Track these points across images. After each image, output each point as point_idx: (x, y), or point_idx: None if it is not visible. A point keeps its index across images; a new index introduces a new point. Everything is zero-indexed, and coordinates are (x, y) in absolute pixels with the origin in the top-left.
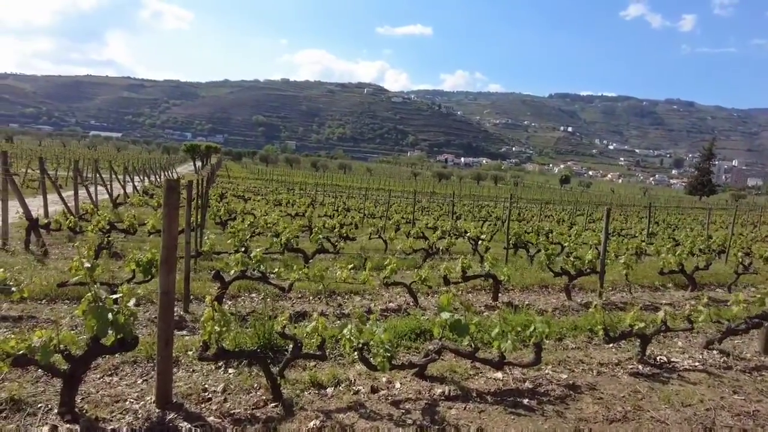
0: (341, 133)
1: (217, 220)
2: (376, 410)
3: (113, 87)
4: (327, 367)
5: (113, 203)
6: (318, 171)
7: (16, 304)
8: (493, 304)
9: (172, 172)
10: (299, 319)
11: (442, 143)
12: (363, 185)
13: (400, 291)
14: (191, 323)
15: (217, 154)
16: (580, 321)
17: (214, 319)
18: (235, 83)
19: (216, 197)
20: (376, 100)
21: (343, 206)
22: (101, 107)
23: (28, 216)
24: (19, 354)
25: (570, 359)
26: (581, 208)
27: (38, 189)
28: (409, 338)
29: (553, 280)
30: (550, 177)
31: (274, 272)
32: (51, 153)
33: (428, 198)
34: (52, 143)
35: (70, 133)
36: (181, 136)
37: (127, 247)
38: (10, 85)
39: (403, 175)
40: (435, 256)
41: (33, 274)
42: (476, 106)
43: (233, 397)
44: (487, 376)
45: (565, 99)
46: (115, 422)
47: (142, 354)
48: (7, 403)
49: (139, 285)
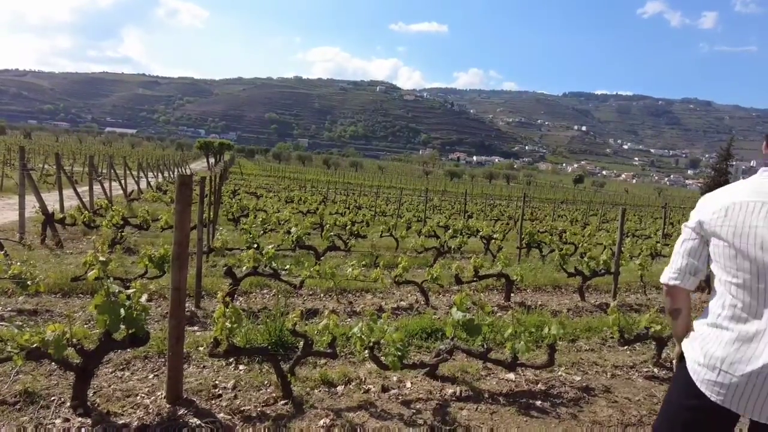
0: (353, 131)
1: (229, 217)
2: (386, 409)
3: (129, 84)
4: (337, 365)
5: (127, 199)
6: (330, 168)
7: (32, 297)
8: (506, 304)
9: (186, 168)
10: (310, 316)
11: (454, 141)
12: (374, 183)
13: (411, 290)
14: (203, 319)
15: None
16: (594, 322)
17: (225, 315)
18: (249, 81)
19: (228, 194)
20: (389, 98)
21: (355, 204)
22: (117, 104)
23: (44, 211)
24: (33, 347)
25: (584, 361)
26: (595, 208)
27: (54, 184)
28: (420, 337)
29: (566, 281)
30: (563, 176)
31: (286, 269)
32: (67, 149)
33: (440, 196)
34: (68, 139)
35: (87, 130)
36: (194, 133)
37: (141, 242)
38: (29, 82)
39: (415, 174)
40: (446, 255)
41: (48, 268)
42: (489, 104)
43: (243, 394)
44: (499, 377)
45: (580, 98)
46: (126, 416)
47: (154, 349)
48: (21, 395)
49: (152, 280)
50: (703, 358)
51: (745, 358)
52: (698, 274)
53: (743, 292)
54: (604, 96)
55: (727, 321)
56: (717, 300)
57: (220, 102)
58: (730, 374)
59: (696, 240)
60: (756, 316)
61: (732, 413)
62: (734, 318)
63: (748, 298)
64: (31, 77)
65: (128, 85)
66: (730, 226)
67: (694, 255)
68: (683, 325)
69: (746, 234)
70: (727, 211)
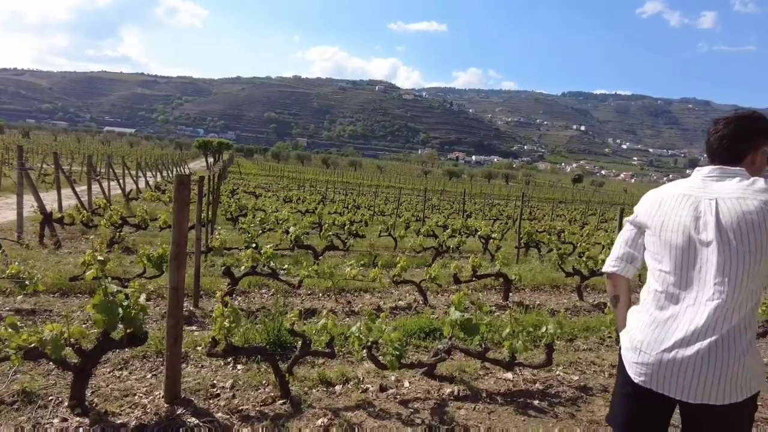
0: (352, 131)
1: (228, 216)
2: (384, 409)
3: (127, 83)
4: (336, 364)
5: (126, 198)
6: (329, 168)
7: (30, 297)
8: (504, 303)
9: (184, 167)
10: (309, 315)
11: (453, 141)
12: (373, 183)
13: (410, 289)
14: (201, 319)
15: (228, 150)
16: (592, 322)
17: (224, 314)
18: (248, 80)
19: (227, 193)
20: (388, 97)
21: (354, 203)
22: (115, 103)
23: (43, 210)
24: (31, 347)
25: (581, 361)
26: (593, 208)
27: (53, 184)
28: (418, 337)
29: (564, 280)
30: (562, 176)
31: (284, 269)
32: (66, 148)
33: (439, 196)
34: (67, 139)
35: (85, 129)
36: (193, 132)
37: (139, 241)
38: (27, 81)
39: (414, 173)
40: (445, 255)
41: (46, 268)
42: (488, 103)
43: (241, 394)
44: (497, 376)
45: (578, 97)
46: (124, 416)
47: (152, 349)
48: (18, 395)
49: (150, 280)
50: (629, 343)
51: (660, 338)
52: (634, 262)
53: (667, 278)
54: (602, 96)
55: (650, 305)
56: (645, 287)
57: (218, 101)
58: (647, 354)
59: (633, 231)
60: (674, 301)
61: (666, 400)
62: (656, 302)
63: (670, 284)
64: (29, 76)
65: (127, 84)
66: (661, 216)
67: (631, 245)
68: (623, 314)
69: (672, 223)
70: (660, 203)
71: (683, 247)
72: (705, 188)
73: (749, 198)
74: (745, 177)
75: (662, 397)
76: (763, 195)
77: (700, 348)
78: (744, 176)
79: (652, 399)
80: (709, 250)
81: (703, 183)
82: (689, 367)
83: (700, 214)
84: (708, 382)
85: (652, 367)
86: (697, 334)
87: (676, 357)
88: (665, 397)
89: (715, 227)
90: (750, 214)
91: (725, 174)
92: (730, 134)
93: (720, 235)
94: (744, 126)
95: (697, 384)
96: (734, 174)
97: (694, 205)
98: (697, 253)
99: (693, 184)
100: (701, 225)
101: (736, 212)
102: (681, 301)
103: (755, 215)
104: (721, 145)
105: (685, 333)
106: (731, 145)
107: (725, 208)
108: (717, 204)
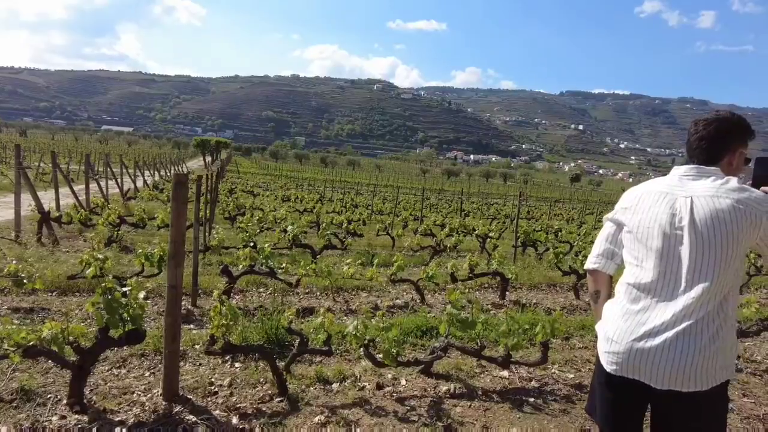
0: (350, 130)
1: (226, 215)
2: (381, 406)
3: (125, 82)
4: (333, 362)
5: (123, 197)
6: (327, 167)
7: (28, 295)
8: (501, 302)
9: (182, 166)
10: (306, 314)
11: (451, 140)
12: (372, 182)
13: (407, 288)
14: (199, 317)
15: (226, 149)
16: (588, 320)
17: (222, 313)
18: (246, 79)
19: (225, 192)
20: (386, 96)
21: (352, 202)
22: (113, 102)
23: (40, 209)
24: (30, 345)
25: (577, 359)
26: (591, 207)
27: (50, 182)
28: (415, 335)
29: (561, 279)
30: (560, 175)
31: (282, 267)
32: (63, 147)
33: (437, 195)
34: (64, 137)
35: (83, 128)
36: (191, 131)
37: (137, 240)
38: (24, 80)
39: (412, 172)
40: (442, 254)
41: (44, 267)
42: (486, 103)
43: (239, 391)
44: (493, 374)
45: (577, 97)
46: (122, 414)
47: (150, 347)
48: (17, 393)
49: (148, 279)
50: (602, 333)
51: (630, 329)
52: (615, 258)
53: (641, 272)
54: (601, 95)
55: (623, 297)
56: (620, 280)
57: (217, 100)
58: (618, 343)
59: (613, 227)
60: (647, 294)
61: (639, 387)
62: (628, 295)
63: (644, 278)
64: (27, 75)
65: (124, 83)
66: (639, 212)
67: (611, 241)
68: (602, 309)
69: (649, 219)
70: (639, 200)
71: (658, 242)
72: (682, 186)
73: (722, 196)
74: (720, 176)
75: (634, 384)
76: (735, 194)
77: (668, 337)
78: (719, 176)
79: (626, 387)
80: (683, 246)
81: (680, 181)
82: (656, 354)
83: (676, 211)
84: (674, 368)
85: (623, 356)
86: (666, 325)
87: (644, 346)
88: (637, 384)
89: (689, 224)
90: (722, 212)
91: (701, 173)
92: (708, 136)
93: (694, 232)
94: (722, 128)
95: (663, 371)
96: (709, 173)
97: (670, 203)
98: (672, 248)
99: (671, 182)
100: (677, 221)
101: (709, 209)
102: (653, 295)
103: (727, 213)
104: (700, 146)
105: (654, 324)
106: (710, 147)
107: (699, 206)
108: (692, 202)
